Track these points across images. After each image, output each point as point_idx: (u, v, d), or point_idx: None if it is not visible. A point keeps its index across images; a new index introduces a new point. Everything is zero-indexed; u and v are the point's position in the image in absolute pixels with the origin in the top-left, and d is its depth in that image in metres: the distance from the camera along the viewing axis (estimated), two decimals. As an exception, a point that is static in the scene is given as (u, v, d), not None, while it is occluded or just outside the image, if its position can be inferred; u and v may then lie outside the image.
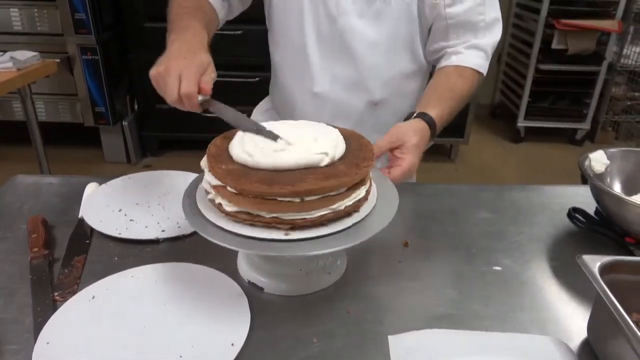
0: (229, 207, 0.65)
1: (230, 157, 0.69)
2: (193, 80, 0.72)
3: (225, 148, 0.71)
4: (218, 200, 0.66)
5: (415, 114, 0.93)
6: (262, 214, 0.64)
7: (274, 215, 0.63)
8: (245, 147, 0.67)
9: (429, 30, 1.03)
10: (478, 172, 3.23)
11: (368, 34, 0.99)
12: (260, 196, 0.62)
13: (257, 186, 0.62)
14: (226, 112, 0.74)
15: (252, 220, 0.64)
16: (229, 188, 0.64)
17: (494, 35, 1.03)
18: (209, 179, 0.67)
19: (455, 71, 1.01)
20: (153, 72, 0.75)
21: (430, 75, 1.09)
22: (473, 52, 1.01)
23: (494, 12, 1.01)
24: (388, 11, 0.97)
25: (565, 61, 3.31)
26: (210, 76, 0.75)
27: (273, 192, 0.62)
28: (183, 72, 0.72)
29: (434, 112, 0.93)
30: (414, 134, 0.88)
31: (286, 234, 0.64)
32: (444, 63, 1.03)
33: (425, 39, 1.04)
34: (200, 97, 0.73)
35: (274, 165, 0.65)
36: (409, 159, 0.84)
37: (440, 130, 0.97)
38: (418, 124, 0.90)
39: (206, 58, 0.76)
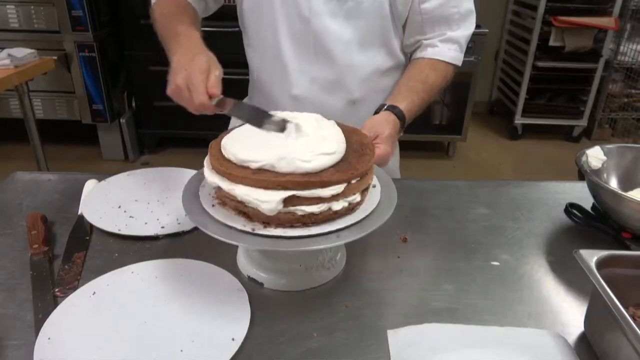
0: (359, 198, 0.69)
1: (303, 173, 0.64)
2: (201, 90, 0.74)
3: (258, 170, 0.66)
4: (340, 205, 0.66)
5: (385, 107, 0.95)
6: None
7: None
8: (317, 150, 0.66)
9: (404, 25, 1.04)
10: (476, 169, 3.24)
11: (342, 33, 1.00)
12: (363, 174, 0.68)
13: (364, 163, 0.68)
14: (241, 109, 0.76)
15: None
16: (354, 180, 0.66)
17: (467, 27, 1.04)
18: (326, 192, 0.64)
19: (429, 64, 1.03)
20: (169, 92, 0.78)
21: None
22: (447, 45, 1.03)
23: (468, 4, 1.02)
24: (360, 10, 0.98)
25: (562, 58, 3.32)
26: (214, 76, 0.77)
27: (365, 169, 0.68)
28: (189, 85, 0.75)
29: (403, 105, 0.95)
30: (387, 125, 0.90)
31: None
32: (418, 55, 1.05)
33: (401, 35, 1.05)
34: (213, 101, 0.75)
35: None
36: (382, 148, 0.86)
37: (411, 121, 0.99)
38: (389, 117, 0.92)
39: (205, 60, 0.78)
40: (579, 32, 3.21)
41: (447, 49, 1.03)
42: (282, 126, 0.70)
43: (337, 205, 0.65)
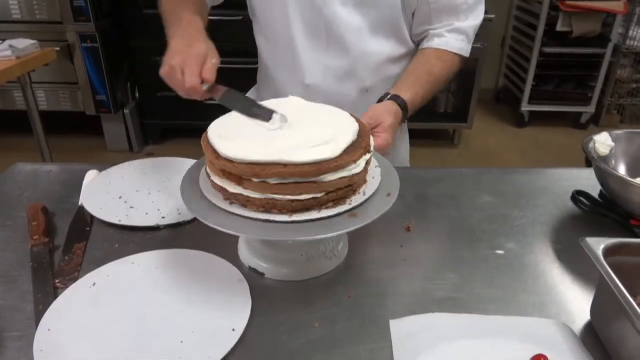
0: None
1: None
2: (194, 73, 0.76)
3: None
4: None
5: (389, 96, 0.94)
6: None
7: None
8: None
9: (413, 14, 1.02)
10: (482, 157, 3.21)
11: (353, 21, 0.99)
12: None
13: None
14: (231, 98, 0.75)
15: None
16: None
17: (475, 18, 1.03)
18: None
19: (435, 54, 1.02)
20: (162, 73, 0.80)
21: None
22: (454, 36, 1.02)
23: None
24: None
25: (569, 44, 3.27)
26: (210, 63, 0.78)
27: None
28: (184, 67, 0.76)
29: (407, 95, 0.95)
30: (389, 114, 0.89)
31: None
32: (425, 45, 1.04)
33: (411, 23, 1.04)
34: (204, 86, 0.76)
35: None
36: (384, 136, 0.86)
37: (414, 111, 0.98)
38: (392, 106, 0.92)
39: (203, 47, 0.80)
40: (586, 16, 3.15)
41: (454, 39, 1.02)
42: (269, 116, 0.69)
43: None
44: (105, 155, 3.06)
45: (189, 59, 0.77)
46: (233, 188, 0.64)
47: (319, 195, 0.64)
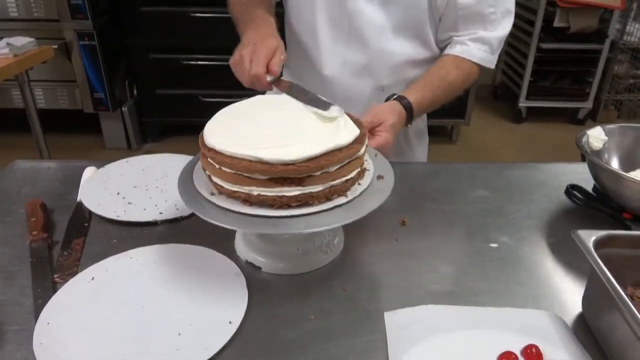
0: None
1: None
2: (261, 63, 0.80)
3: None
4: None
5: (395, 96, 0.96)
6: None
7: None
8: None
9: (440, 19, 1.02)
10: (479, 153, 3.22)
11: (376, 19, 1.00)
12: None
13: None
14: (298, 92, 0.77)
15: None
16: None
17: (503, 28, 1.02)
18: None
19: (453, 61, 1.02)
20: (231, 62, 0.83)
21: None
22: (477, 45, 1.02)
23: (507, 4, 1.00)
24: None
25: (567, 39, 3.27)
26: (278, 58, 0.81)
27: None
28: (252, 57, 0.81)
29: (413, 98, 0.96)
30: (391, 114, 0.91)
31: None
32: (447, 51, 1.05)
33: (437, 28, 1.04)
34: (269, 77, 0.80)
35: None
36: (384, 136, 0.88)
37: (420, 115, 1.00)
38: (395, 106, 0.93)
39: (274, 42, 0.84)
40: (584, 12, 3.15)
41: (476, 48, 1.01)
42: (327, 107, 0.71)
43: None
44: (103, 153, 3.06)
45: (259, 50, 0.80)
46: (292, 191, 0.64)
47: (359, 168, 0.70)
